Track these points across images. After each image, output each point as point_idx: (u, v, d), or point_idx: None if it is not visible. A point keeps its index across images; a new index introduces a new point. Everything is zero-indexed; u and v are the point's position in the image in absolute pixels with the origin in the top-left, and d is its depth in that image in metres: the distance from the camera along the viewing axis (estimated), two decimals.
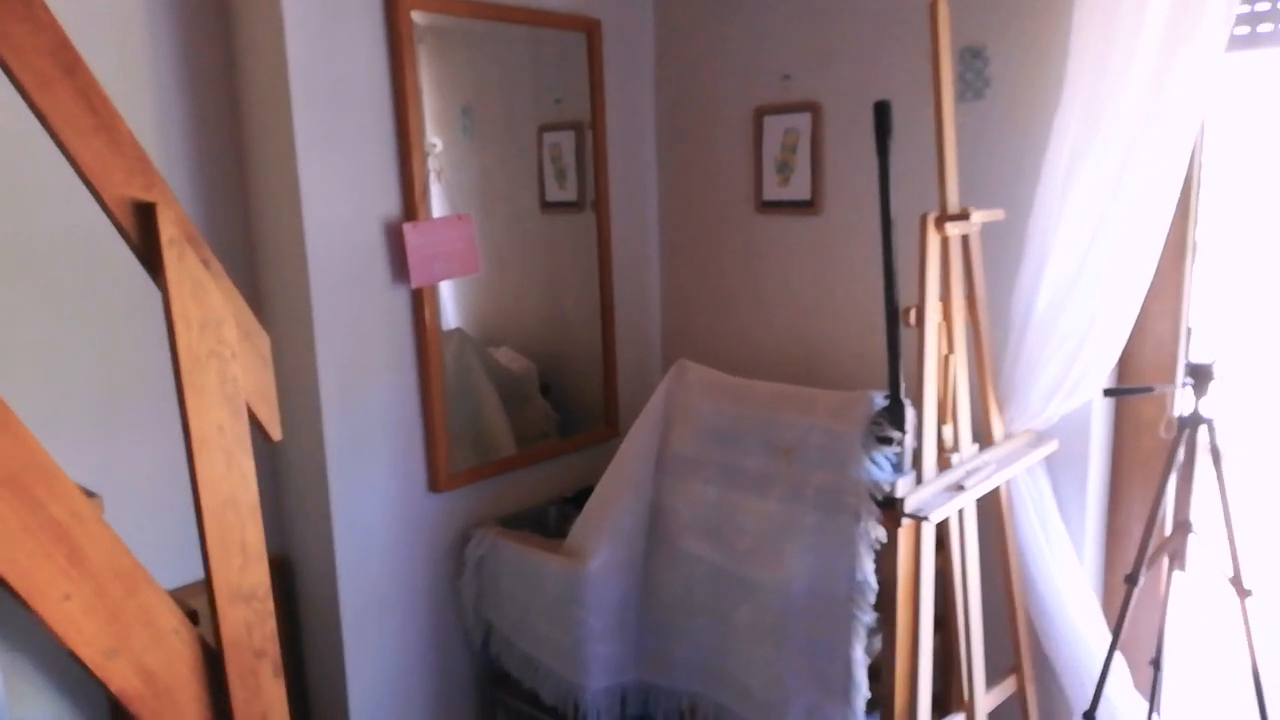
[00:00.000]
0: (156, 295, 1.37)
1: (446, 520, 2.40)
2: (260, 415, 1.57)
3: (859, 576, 1.91)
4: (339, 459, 2.15)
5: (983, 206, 1.98)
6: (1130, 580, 1.90)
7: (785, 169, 2.49)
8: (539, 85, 2.70)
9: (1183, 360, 2.13)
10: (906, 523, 1.83)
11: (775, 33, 2.49)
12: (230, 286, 1.50)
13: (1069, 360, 1.98)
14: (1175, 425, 1.89)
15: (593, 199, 2.73)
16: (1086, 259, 1.92)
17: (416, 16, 2.20)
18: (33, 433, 1.24)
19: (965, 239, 1.96)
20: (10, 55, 1.23)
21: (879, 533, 1.89)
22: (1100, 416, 2.15)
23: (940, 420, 1.95)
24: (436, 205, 2.34)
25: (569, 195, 2.79)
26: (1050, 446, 2.10)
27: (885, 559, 1.90)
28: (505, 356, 2.89)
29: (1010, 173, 2.10)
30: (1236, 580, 1.83)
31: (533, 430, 2.85)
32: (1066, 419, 2.09)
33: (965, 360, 1.97)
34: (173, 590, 2.11)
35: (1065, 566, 2.12)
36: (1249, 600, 1.82)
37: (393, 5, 2.14)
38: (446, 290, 2.51)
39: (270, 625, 1.55)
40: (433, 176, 2.30)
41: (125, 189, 1.34)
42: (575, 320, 2.86)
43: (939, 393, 1.91)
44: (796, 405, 2.08)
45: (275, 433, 1.60)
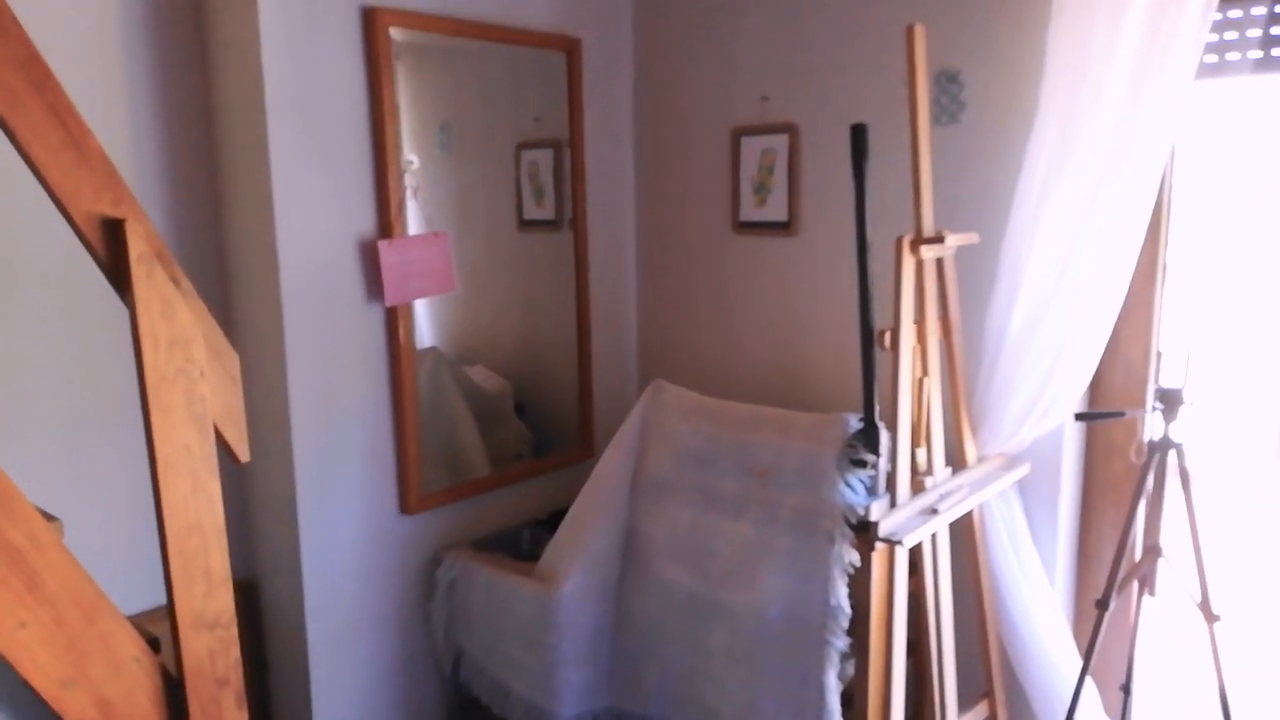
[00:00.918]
0: (123, 314, 1.34)
1: (417, 543, 2.36)
2: (228, 436, 1.54)
3: (833, 601, 1.90)
4: (308, 480, 2.12)
5: (957, 230, 1.99)
6: (1101, 605, 1.90)
7: (763, 190, 2.50)
8: (518, 103, 2.70)
9: (1153, 385, 2.15)
10: (880, 546, 1.82)
11: (753, 54, 2.50)
12: (199, 305, 1.48)
13: (1041, 383, 1.99)
14: (1145, 450, 1.90)
15: (570, 217, 2.73)
16: (1059, 282, 1.93)
17: (395, 33, 2.18)
18: None
19: (940, 262, 1.97)
20: None
21: (853, 556, 1.89)
22: (1072, 440, 2.17)
23: (914, 443, 1.95)
24: (412, 223, 2.32)
25: (547, 213, 2.78)
26: (1022, 470, 2.11)
27: (859, 583, 1.90)
28: (480, 375, 2.86)
29: (984, 196, 2.12)
30: (1205, 605, 1.84)
31: (507, 451, 2.82)
32: (1038, 442, 2.10)
33: (939, 383, 1.98)
34: (134, 616, 2.06)
35: (1037, 590, 2.12)
36: (1217, 625, 1.83)
37: (371, 21, 2.12)
38: (421, 308, 2.49)
39: (234, 653, 1.52)
40: (409, 193, 2.28)
41: (94, 205, 1.31)
42: (551, 339, 2.84)
43: (913, 416, 1.91)
44: (772, 427, 2.08)
45: (243, 454, 1.57)
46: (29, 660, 1.29)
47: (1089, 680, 1.99)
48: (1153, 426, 2.10)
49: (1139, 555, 1.96)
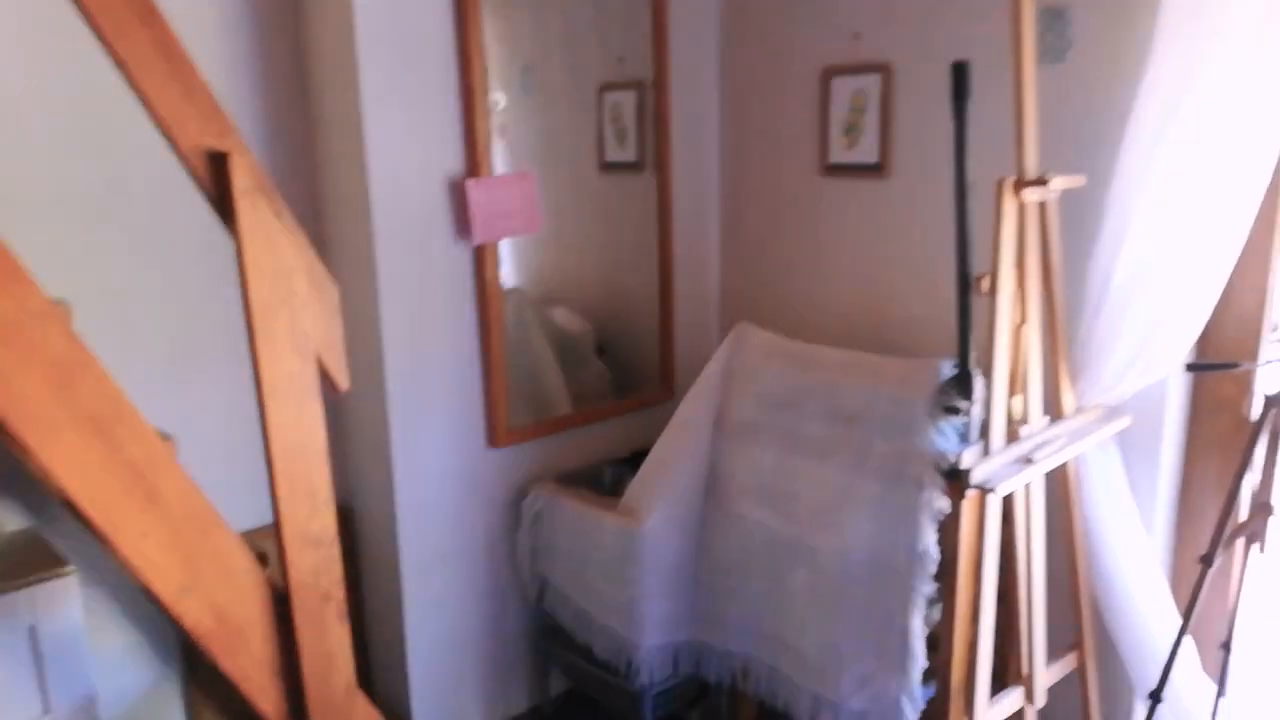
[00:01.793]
0: (228, 243, 1.39)
1: (504, 475, 2.42)
2: (328, 365, 1.59)
3: (920, 547, 1.88)
4: (401, 411, 2.18)
5: (1061, 173, 1.90)
6: (1205, 561, 1.84)
7: (853, 131, 2.43)
8: (601, 43, 2.67)
9: (1268, 336, 2.04)
10: (971, 494, 1.79)
11: None
12: (301, 238, 1.52)
13: (1148, 333, 1.91)
14: (1260, 403, 1.81)
15: (653, 160, 2.70)
16: (1171, 228, 1.84)
17: None
18: (111, 375, 1.27)
19: (1042, 206, 1.90)
20: (89, 1, 1.25)
21: (942, 503, 1.86)
22: (1177, 393, 2.08)
23: (1010, 391, 1.90)
24: (499, 162, 2.33)
25: (629, 155, 2.76)
26: (1123, 422, 2.03)
27: (948, 530, 1.87)
28: (562, 317, 2.89)
29: (1091, 139, 2.02)
30: None
31: (588, 391, 2.85)
32: (1141, 394, 2.02)
33: (1038, 331, 1.92)
34: (241, 533, 2.17)
35: (1134, 544, 2.06)
36: None
37: None
38: (504, 249, 2.52)
39: (336, 570, 1.58)
40: (496, 133, 2.29)
41: (199, 138, 1.35)
42: (632, 282, 2.84)
43: (1010, 363, 1.86)
44: (861, 372, 2.05)
45: (343, 382, 1.63)
46: (150, 568, 1.37)
47: (1187, 636, 1.94)
48: (1268, 380, 2.01)
49: (1245, 512, 1.88)
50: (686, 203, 2.76)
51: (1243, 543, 1.87)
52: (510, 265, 2.63)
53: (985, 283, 1.79)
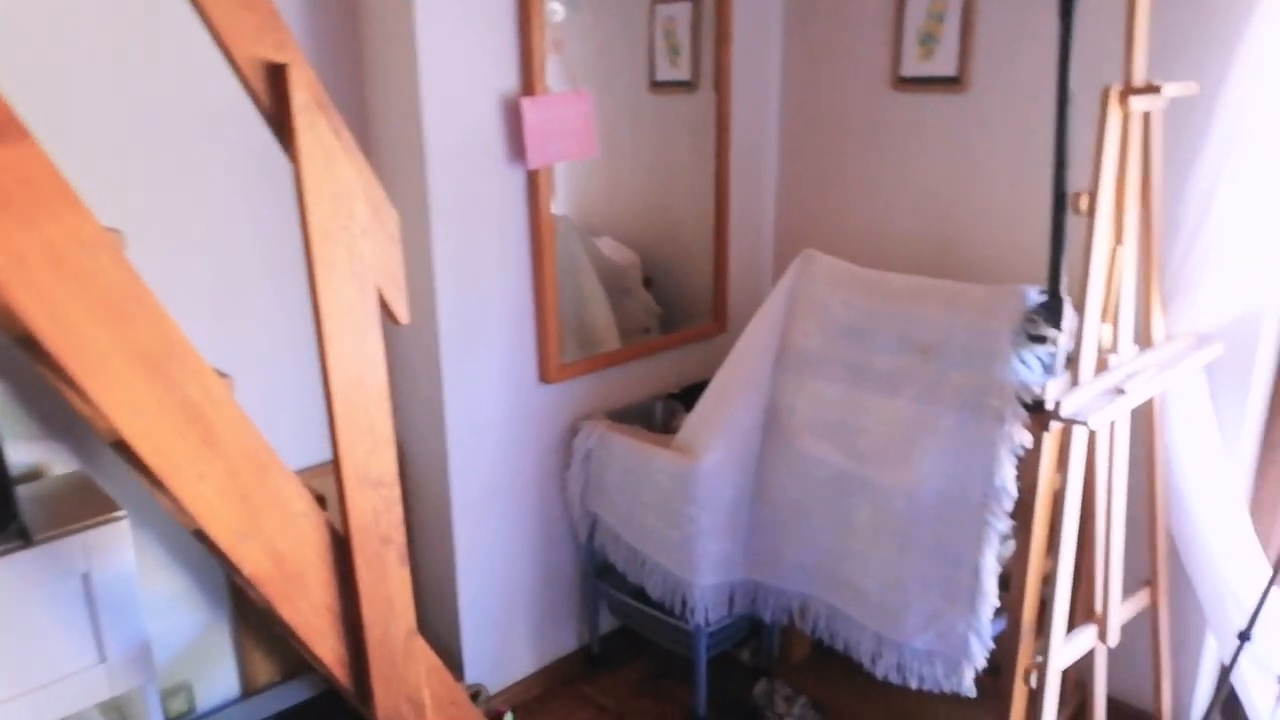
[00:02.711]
0: (283, 169, 1.28)
1: (555, 412, 2.34)
2: (387, 295, 1.49)
3: (997, 482, 1.80)
4: (452, 345, 2.09)
5: (1167, 80, 1.76)
6: None
7: (929, 40, 2.27)
8: None
9: None
10: (1054, 427, 1.70)
11: None
12: (360, 159, 1.42)
13: (1249, 255, 1.79)
14: None
15: (711, 77, 2.55)
16: None
17: None
18: (165, 310, 1.19)
19: (1147, 118, 1.76)
20: None
21: (1024, 437, 1.77)
22: (1274, 322, 1.96)
23: (1100, 318, 1.78)
24: (554, 80, 2.20)
25: (681, 74, 2.61)
26: (1214, 350, 1.92)
27: (1027, 465, 1.79)
28: (608, 247, 2.78)
29: (1200, 44, 1.87)
30: None
31: (634, 324, 2.76)
32: (1233, 322, 1.91)
33: (1134, 253, 1.79)
34: (299, 471, 2.11)
35: (1217, 479, 1.97)
36: None
37: None
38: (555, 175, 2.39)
39: (397, 512, 1.52)
40: (551, 47, 2.14)
41: (255, 48, 1.24)
42: (682, 210, 2.71)
43: (1105, 288, 1.74)
44: (938, 299, 1.94)
45: (402, 315, 1.53)
46: (208, 512, 1.31)
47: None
48: None
49: None
50: (744, 124, 2.62)
51: None
52: (559, 192, 2.53)
53: (1083, 201, 1.67)
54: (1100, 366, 1.78)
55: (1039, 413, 1.75)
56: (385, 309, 1.50)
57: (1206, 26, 1.85)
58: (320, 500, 1.64)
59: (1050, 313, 1.75)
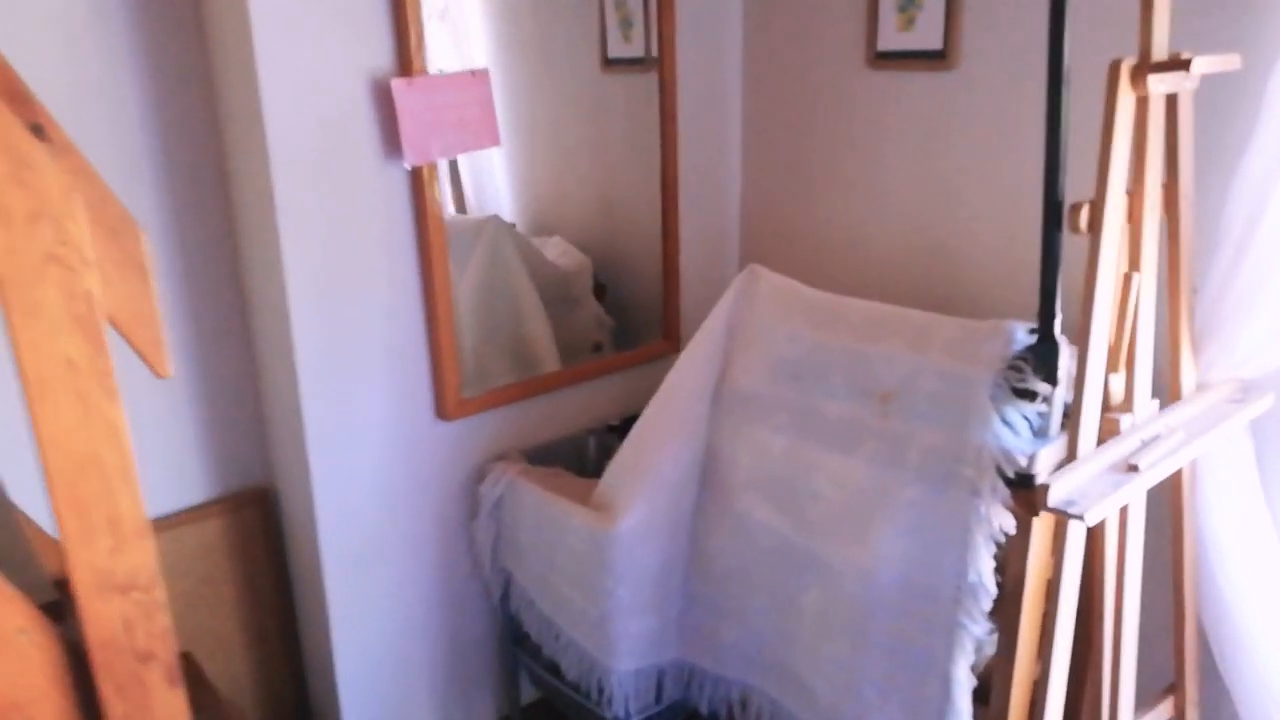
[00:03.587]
0: None
1: (459, 453, 1.98)
2: (136, 342, 1.13)
3: (972, 576, 1.39)
4: (315, 380, 1.74)
5: (1198, 52, 1.33)
6: None
7: (910, 6, 1.85)
8: None
9: None
10: (1047, 515, 1.29)
11: None
12: (83, 164, 1.06)
13: None
14: None
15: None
16: None
17: None
18: None
19: (1172, 102, 1.33)
20: None
21: (1005, 521, 1.36)
22: None
23: (1109, 367, 1.37)
24: (447, 56, 1.83)
25: (635, 50, 2.23)
26: (1264, 403, 1.49)
27: (1012, 556, 1.39)
28: (556, 249, 2.41)
29: (1239, 6, 1.43)
30: None
31: (582, 340, 2.39)
32: None
33: (1154, 281, 1.38)
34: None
35: (1265, 565, 1.55)
36: None
37: None
38: (481, 168, 2.03)
39: (161, 621, 1.16)
40: (434, 18, 1.77)
41: None
42: (638, 206, 2.33)
43: (1114, 328, 1.33)
44: (903, 334, 1.53)
45: (162, 366, 1.18)
46: None
47: None
48: None
49: None
50: (697, 108, 2.22)
51: None
52: (490, 188, 2.18)
53: (1083, 215, 1.25)
54: (1108, 432, 1.36)
55: (1026, 488, 1.34)
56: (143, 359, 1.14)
57: None
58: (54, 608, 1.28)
59: (1041, 360, 1.34)
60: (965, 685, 1.44)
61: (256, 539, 1.98)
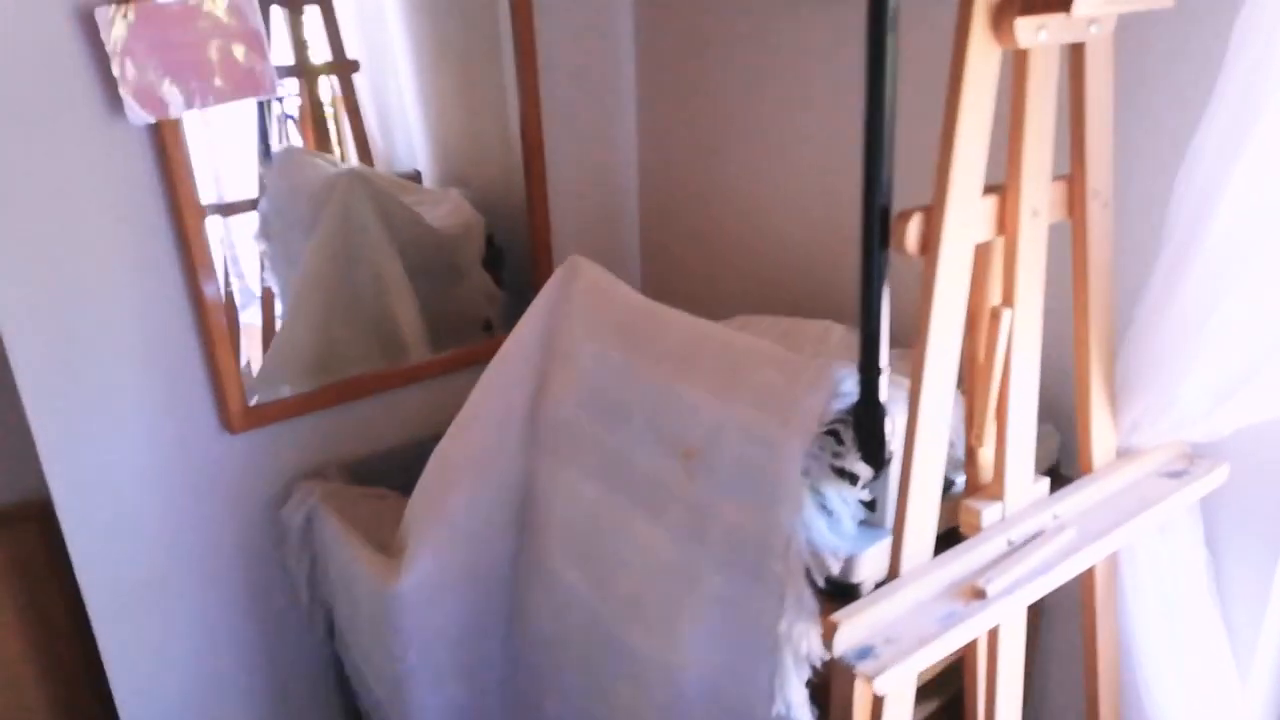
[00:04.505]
0: None
1: (256, 469, 1.66)
2: None
3: (779, 708, 1.03)
4: (48, 397, 1.43)
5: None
6: None
7: None
8: None
9: None
10: (860, 669, 0.91)
11: None
12: None
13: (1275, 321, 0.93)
14: None
15: None
16: None
17: None
18: None
19: (1076, 54, 0.89)
20: None
21: (814, 643, 0.99)
22: None
23: (971, 436, 0.97)
24: None
25: None
26: (1213, 477, 1.07)
27: (835, 686, 1.02)
28: (447, 207, 2.04)
29: None
30: None
31: (468, 317, 2.04)
32: (1258, 429, 1.05)
33: (1036, 317, 0.95)
34: None
35: (1218, 686, 1.15)
36: None
37: None
38: (394, 108, 1.77)
39: None
40: None
41: None
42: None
43: (971, 383, 0.92)
44: (715, 372, 1.13)
45: None
46: None
47: None
48: None
49: None
50: (567, 35, 1.80)
51: None
52: (397, 133, 1.88)
53: (911, 229, 0.84)
54: (969, 529, 0.96)
55: (842, 599, 0.97)
56: None
57: None
58: None
59: (863, 426, 0.95)
60: None
61: (38, 557, 1.73)
